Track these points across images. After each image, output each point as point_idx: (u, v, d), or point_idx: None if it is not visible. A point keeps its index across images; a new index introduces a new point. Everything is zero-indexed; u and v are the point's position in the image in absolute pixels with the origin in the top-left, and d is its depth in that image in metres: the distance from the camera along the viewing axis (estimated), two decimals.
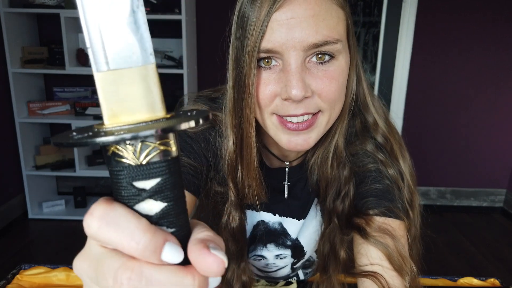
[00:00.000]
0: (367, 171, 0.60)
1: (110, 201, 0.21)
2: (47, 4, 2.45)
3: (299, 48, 0.47)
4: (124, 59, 0.22)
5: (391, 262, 0.53)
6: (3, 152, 2.57)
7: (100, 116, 1.90)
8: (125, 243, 0.20)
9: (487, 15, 2.64)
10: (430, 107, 2.83)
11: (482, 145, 2.89)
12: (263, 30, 0.47)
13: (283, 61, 0.49)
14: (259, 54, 0.48)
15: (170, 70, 2.49)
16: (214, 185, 0.61)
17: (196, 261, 0.21)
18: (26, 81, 2.61)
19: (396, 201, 0.58)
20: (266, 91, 0.50)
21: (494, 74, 2.75)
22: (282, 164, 0.66)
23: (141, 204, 0.22)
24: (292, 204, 0.68)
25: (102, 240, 0.21)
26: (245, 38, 0.49)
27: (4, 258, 2.22)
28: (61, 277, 0.83)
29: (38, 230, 2.57)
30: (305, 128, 0.51)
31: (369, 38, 2.76)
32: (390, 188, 0.58)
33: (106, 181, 3.06)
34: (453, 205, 3.01)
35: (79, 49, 2.55)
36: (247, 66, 0.49)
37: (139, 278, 0.20)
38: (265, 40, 0.47)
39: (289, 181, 0.66)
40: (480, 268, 2.22)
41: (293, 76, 0.47)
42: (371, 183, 0.58)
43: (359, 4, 2.70)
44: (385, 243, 0.54)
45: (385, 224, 0.56)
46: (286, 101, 0.50)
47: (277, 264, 0.75)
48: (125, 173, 0.21)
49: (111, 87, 0.22)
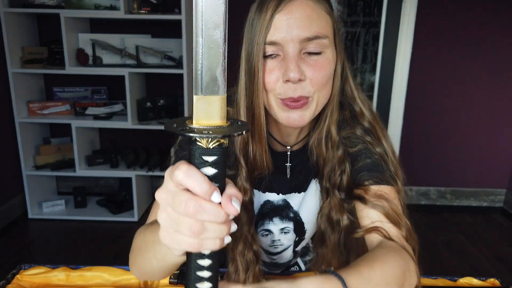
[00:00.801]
0: (358, 151, 0.73)
1: (189, 164, 0.36)
2: (47, 4, 2.45)
3: (296, 41, 0.61)
4: (211, 90, 0.37)
5: (388, 218, 0.66)
6: (3, 152, 2.57)
7: (100, 116, 2.11)
8: (195, 187, 0.36)
9: (487, 15, 2.64)
10: (430, 107, 2.83)
11: (482, 145, 2.89)
12: (268, 27, 0.61)
13: (284, 52, 0.62)
14: (265, 47, 0.62)
15: (170, 70, 2.49)
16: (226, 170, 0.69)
17: (224, 206, 0.37)
18: (26, 81, 2.61)
19: (385, 171, 0.71)
20: (271, 76, 0.63)
21: (494, 73, 2.75)
22: (284, 149, 0.78)
23: (204, 169, 0.37)
24: (294, 182, 0.80)
25: (182, 184, 0.36)
26: (255, 36, 0.63)
27: (4, 258, 2.22)
28: (61, 277, 0.83)
29: (38, 230, 2.57)
30: (300, 107, 0.64)
31: (369, 38, 2.76)
32: (379, 161, 0.72)
33: (106, 181, 3.06)
34: (453, 205, 3.01)
35: (79, 49, 2.55)
36: (256, 57, 0.62)
37: (199, 206, 0.35)
38: (269, 35, 0.61)
39: (291, 163, 0.78)
40: (480, 268, 2.22)
41: (291, 62, 0.61)
42: (363, 159, 0.72)
43: (359, 4, 2.70)
44: (381, 205, 0.67)
45: (379, 191, 0.69)
46: (285, 84, 0.63)
47: (282, 241, 0.85)
48: (199, 151, 0.37)
49: (201, 105, 0.37)
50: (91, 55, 2.62)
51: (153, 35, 2.70)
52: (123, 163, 2.76)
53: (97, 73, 2.50)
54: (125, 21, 2.69)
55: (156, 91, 2.85)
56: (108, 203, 2.82)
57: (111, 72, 2.49)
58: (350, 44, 2.78)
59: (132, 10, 2.43)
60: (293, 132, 0.75)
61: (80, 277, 0.84)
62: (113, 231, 2.57)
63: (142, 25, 2.73)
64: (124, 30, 2.72)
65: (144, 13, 2.41)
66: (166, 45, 2.65)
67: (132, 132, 2.91)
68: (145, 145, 2.90)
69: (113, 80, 2.75)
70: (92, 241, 2.44)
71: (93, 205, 2.86)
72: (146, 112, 2.61)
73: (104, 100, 2.74)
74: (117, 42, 2.66)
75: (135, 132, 2.92)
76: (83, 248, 2.36)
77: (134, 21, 2.68)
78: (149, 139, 2.93)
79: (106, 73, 2.50)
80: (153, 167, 2.65)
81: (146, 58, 2.64)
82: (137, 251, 0.58)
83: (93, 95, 2.77)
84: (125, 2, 2.36)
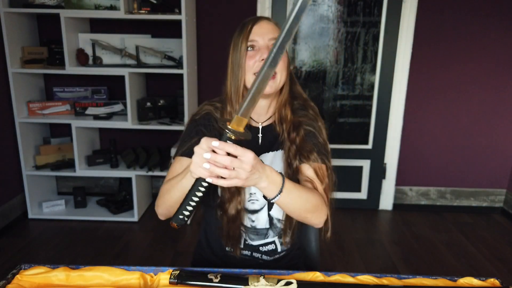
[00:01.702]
0: (312, 130, 1.07)
1: (217, 139, 0.71)
2: (47, 4, 2.45)
3: (265, 39, 0.98)
4: (244, 114, 0.72)
5: (317, 176, 1.00)
6: (3, 152, 2.57)
7: (100, 116, 2.31)
8: (220, 146, 0.70)
9: (487, 14, 2.64)
10: (430, 107, 2.83)
11: (482, 145, 2.89)
12: (248, 35, 0.98)
13: (258, 45, 0.98)
14: (247, 43, 0.98)
15: (170, 70, 2.49)
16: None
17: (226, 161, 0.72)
18: (26, 81, 2.61)
19: (327, 154, 1.05)
20: (251, 60, 0.98)
21: (494, 73, 2.75)
22: (257, 124, 1.08)
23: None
24: (264, 148, 1.07)
25: (214, 146, 0.70)
26: (239, 42, 0.98)
27: (4, 258, 2.22)
28: (61, 277, 0.83)
29: (38, 230, 2.57)
30: (271, 79, 0.96)
31: (369, 38, 2.76)
32: (325, 146, 1.06)
33: (106, 181, 3.06)
34: (453, 205, 3.01)
35: (79, 49, 2.55)
36: (243, 50, 0.98)
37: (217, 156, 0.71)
38: (250, 37, 0.98)
39: (262, 133, 1.08)
40: (480, 268, 2.22)
41: (265, 49, 0.97)
42: (317, 140, 1.05)
43: (359, 4, 2.70)
44: (314, 166, 1.01)
45: (321, 166, 1.03)
46: (261, 62, 0.96)
47: (257, 195, 1.05)
48: (226, 137, 0.71)
49: (237, 121, 0.72)
50: (91, 55, 2.62)
51: (153, 35, 2.70)
52: (123, 163, 2.76)
53: (97, 73, 2.50)
54: (125, 21, 2.70)
55: (156, 91, 2.85)
56: (108, 203, 2.82)
57: (111, 72, 2.49)
58: (350, 44, 2.78)
59: (132, 10, 2.43)
60: (263, 111, 1.06)
61: (80, 277, 0.84)
62: (113, 231, 2.57)
63: (142, 25, 2.73)
64: (124, 30, 2.72)
65: (144, 13, 2.41)
66: (166, 45, 2.65)
67: (132, 132, 2.91)
68: (145, 145, 2.90)
69: (113, 80, 2.75)
70: (92, 241, 2.44)
71: (93, 205, 2.86)
72: (146, 112, 2.61)
73: (104, 100, 2.74)
74: (117, 42, 2.66)
75: (135, 132, 2.92)
76: (83, 248, 2.36)
77: (134, 21, 2.68)
78: (149, 139, 2.93)
79: (106, 73, 2.50)
80: (153, 167, 2.65)
81: (146, 58, 2.64)
82: (165, 191, 0.92)
83: (93, 95, 2.77)
84: (125, 2, 2.36)
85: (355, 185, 3.01)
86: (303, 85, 2.88)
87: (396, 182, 2.98)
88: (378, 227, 2.78)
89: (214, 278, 0.82)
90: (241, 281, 0.81)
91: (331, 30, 2.77)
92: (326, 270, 0.90)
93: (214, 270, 0.87)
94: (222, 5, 2.69)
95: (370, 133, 2.92)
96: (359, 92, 2.88)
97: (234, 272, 0.88)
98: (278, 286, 0.80)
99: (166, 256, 2.29)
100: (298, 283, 0.81)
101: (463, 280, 0.86)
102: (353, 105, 2.91)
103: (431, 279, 0.87)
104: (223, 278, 0.82)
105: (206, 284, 0.82)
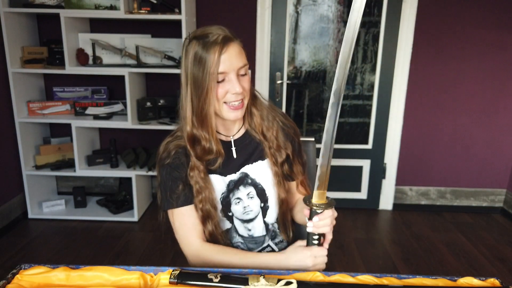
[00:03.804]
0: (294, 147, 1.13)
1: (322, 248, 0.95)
2: (47, 4, 2.45)
3: (235, 69, 0.96)
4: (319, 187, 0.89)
5: (304, 187, 1.15)
6: (3, 152, 2.57)
7: (100, 116, 2.29)
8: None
9: (487, 15, 2.64)
10: (430, 107, 2.83)
11: (482, 145, 2.89)
12: (218, 63, 0.94)
13: (228, 76, 0.96)
14: (217, 75, 0.95)
15: (170, 70, 2.49)
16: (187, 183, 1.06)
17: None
18: (26, 81, 2.61)
19: (298, 151, 1.14)
20: (223, 91, 0.97)
21: (494, 73, 2.75)
22: (228, 138, 1.10)
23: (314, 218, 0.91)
24: (240, 159, 1.09)
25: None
26: (205, 69, 0.94)
27: (4, 258, 2.22)
28: (61, 277, 0.83)
29: (38, 230, 2.57)
30: (239, 108, 1.00)
31: (369, 38, 2.76)
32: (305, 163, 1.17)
33: (106, 181, 3.06)
34: (453, 205, 3.01)
35: (79, 49, 2.55)
36: (211, 82, 0.94)
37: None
38: (219, 68, 0.94)
39: (235, 147, 1.10)
40: (480, 268, 2.22)
41: (235, 82, 0.96)
42: (299, 159, 1.14)
43: None
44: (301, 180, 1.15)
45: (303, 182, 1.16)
46: (232, 95, 0.98)
47: (251, 207, 1.09)
48: (315, 212, 0.89)
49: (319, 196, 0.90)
50: (91, 55, 2.62)
51: (153, 35, 2.70)
52: (123, 163, 2.76)
53: (97, 73, 2.50)
54: (125, 21, 2.70)
55: (156, 91, 2.85)
56: (108, 203, 2.82)
57: (111, 72, 2.49)
58: None
59: (132, 10, 2.43)
60: (233, 125, 1.09)
61: (80, 277, 0.84)
62: (113, 231, 2.57)
63: (142, 25, 2.73)
64: (124, 30, 2.72)
65: (144, 13, 2.41)
66: (166, 45, 2.65)
67: (132, 132, 2.91)
68: (145, 145, 2.90)
69: (113, 80, 2.75)
70: (92, 241, 2.44)
71: (93, 205, 2.86)
72: (146, 112, 2.61)
73: (104, 100, 2.74)
74: (117, 42, 2.66)
75: (135, 132, 2.92)
76: (83, 248, 2.36)
77: (134, 21, 2.68)
78: (149, 139, 2.93)
79: (106, 73, 2.50)
80: (153, 167, 2.65)
81: (146, 58, 2.64)
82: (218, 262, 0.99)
83: (93, 95, 2.77)
84: (125, 2, 2.36)
85: (355, 185, 3.01)
86: (303, 85, 2.89)
87: (396, 182, 2.98)
88: (378, 227, 2.78)
89: (214, 278, 0.82)
90: (241, 281, 0.81)
91: (331, 30, 2.77)
92: (326, 270, 0.90)
93: (214, 270, 0.87)
94: (222, 5, 2.69)
95: (370, 133, 2.92)
96: (359, 92, 2.88)
97: (234, 272, 0.88)
98: (278, 286, 0.80)
99: (166, 256, 2.29)
100: (298, 283, 0.81)
101: (463, 280, 0.86)
102: (353, 105, 2.91)
103: (431, 279, 0.87)
104: (223, 278, 0.82)
105: (206, 284, 0.82)
